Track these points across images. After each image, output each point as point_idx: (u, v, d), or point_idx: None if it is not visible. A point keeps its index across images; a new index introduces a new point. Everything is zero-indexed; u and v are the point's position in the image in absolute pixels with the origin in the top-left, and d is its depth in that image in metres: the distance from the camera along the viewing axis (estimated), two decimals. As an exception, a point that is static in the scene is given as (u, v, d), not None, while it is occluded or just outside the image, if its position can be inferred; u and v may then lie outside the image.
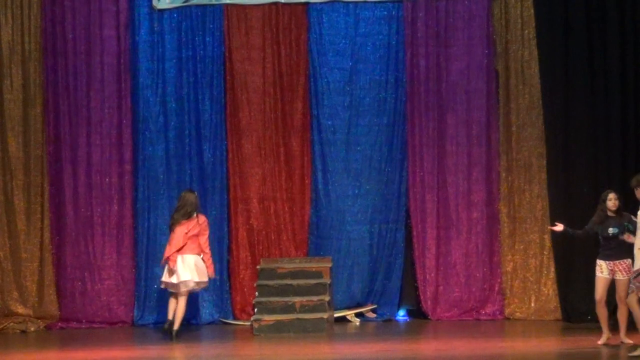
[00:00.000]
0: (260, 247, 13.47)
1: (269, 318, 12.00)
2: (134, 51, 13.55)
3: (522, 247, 13.23)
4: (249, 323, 12.52)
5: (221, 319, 13.34)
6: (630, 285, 9.91)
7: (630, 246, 9.94)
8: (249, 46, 13.53)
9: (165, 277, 11.94)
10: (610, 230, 10.29)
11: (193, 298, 12.84)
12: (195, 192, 12.22)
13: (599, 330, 10.70)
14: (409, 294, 13.57)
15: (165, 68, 13.59)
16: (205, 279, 12.02)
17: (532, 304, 13.14)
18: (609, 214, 10.37)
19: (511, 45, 13.33)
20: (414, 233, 13.42)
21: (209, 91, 13.55)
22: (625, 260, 10.26)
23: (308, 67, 13.52)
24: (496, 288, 13.29)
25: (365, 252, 13.50)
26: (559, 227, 10.72)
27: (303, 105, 13.55)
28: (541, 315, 13.07)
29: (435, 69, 13.41)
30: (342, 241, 13.49)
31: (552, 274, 13.06)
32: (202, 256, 11.97)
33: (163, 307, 12.72)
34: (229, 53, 13.55)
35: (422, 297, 13.35)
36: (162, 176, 13.51)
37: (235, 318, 13.36)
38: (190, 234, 11.91)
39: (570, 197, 12.68)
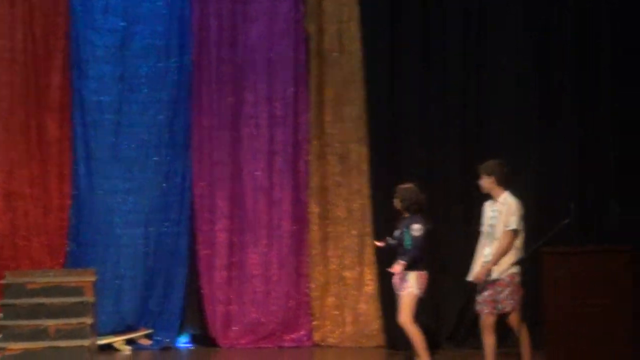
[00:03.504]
0: (6, 256, 12.39)
1: (16, 346, 10.85)
2: None
3: (336, 255, 12.50)
4: (-12, 353, 11.41)
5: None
6: (478, 306, 8.99)
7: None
8: (-9, -2, 12.65)
9: None
10: (395, 234, 9.61)
11: None
12: None
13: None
14: (193, 315, 12.71)
15: None
16: None
17: (348, 328, 12.43)
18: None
19: (326, 1, 12.60)
20: (200, 239, 12.60)
21: None
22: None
23: (69, 28, 12.55)
24: (303, 307, 12.59)
25: (139, 263, 12.60)
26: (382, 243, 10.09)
27: (62, 77, 12.58)
28: (360, 341, 12.35)
29: (230, 31, 12.66)
30: (110, 248, 12.55)
31: (373, 290, 12.33)
32: None
33: None
34: (-37, 7, 12.63)
35: (209, 320, 12.54)
36: None
37: (-30, 347, 12.39)
38: None
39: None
